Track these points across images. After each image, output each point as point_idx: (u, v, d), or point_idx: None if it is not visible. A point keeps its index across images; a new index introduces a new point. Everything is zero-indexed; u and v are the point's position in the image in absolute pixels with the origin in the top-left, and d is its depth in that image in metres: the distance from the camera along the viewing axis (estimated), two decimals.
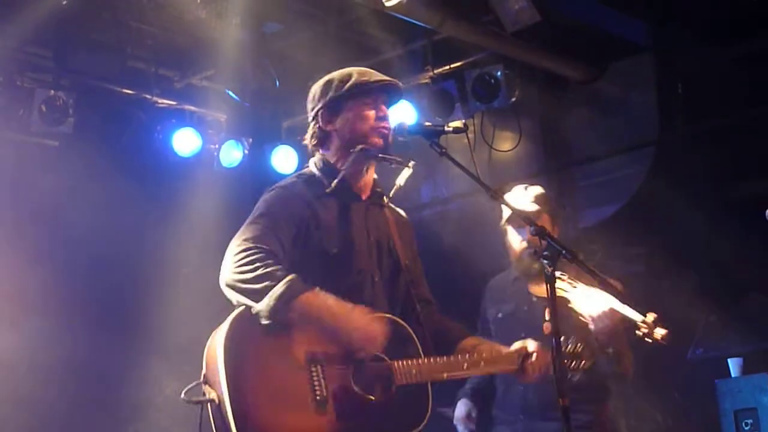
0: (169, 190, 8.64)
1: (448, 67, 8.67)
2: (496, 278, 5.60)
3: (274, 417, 3.86)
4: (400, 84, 4.36)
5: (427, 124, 4.20)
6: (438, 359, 4.08)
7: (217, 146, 8.98)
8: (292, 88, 8.40)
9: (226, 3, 7.67)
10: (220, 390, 3.82)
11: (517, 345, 4.29)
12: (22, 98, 7.79)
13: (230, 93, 8.13)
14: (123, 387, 7.99)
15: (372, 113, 4.24)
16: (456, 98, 8.61)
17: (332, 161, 4.29)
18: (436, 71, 8.64)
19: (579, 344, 4.39)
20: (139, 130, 8.53)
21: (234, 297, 3.95)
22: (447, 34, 8.11)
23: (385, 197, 4.38)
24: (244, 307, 3.93)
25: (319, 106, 4.30)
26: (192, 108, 8.80)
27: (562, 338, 4.10)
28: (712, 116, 8.22)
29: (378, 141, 4.22)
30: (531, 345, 4.30)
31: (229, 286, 3.95)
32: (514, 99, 8.56)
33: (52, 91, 7.81)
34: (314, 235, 4.12)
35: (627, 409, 5.53)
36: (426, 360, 4.05)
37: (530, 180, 9.25)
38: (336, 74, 4.34)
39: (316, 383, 3.90)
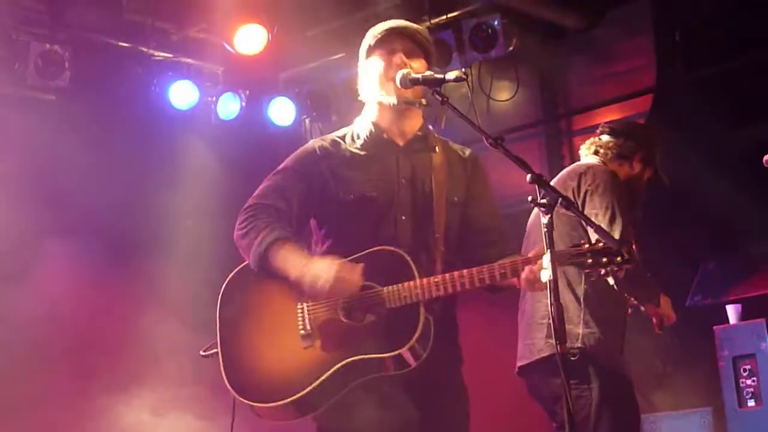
0: (167, 142, 8.63)
1: (445, 17, 8.63)
2: None
3: (260, 360, 4.13)
4: (414, 27, 4.42)
5: (428, 73, 4.21)
6: (432, 278, 4.07)
7: (214, 99, 8.96)
8: (288, 39, 8.37)
9: None
10: (217, 339, 4.18)
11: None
12: (17, 52, 7.76)
13: (226, 45, 8.08)
14: (125, 339, 8.00)
15: (383, 63, 4.31)
16: (453, 48, 8.57)
17: (368, 113, 4.43)
18: (433, 21, 8.59)
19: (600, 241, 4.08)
20: (135, 83, 8.49)
21: (239, 249, 4.25)
22: None
23: (432, 138, 4.44)
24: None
25: (361, 59, 4.43)
26: (189, 60, 8.76)
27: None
28: (710, 62, 8.20)
29: (389, 90, 4.28)
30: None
31: (234, 239, 4.27)
32: (511, 48, 8.53)
33: (48, 45, 7.77)
34: (330, 185, 4.26)
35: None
36: (419, 281, 4.05)
37: (528, 129, 9.40)
38: (374, 27, 4.43)
39: (301, 320, 4.10)
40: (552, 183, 5.49)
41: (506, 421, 7.97)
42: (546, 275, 3.66)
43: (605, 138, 5.68)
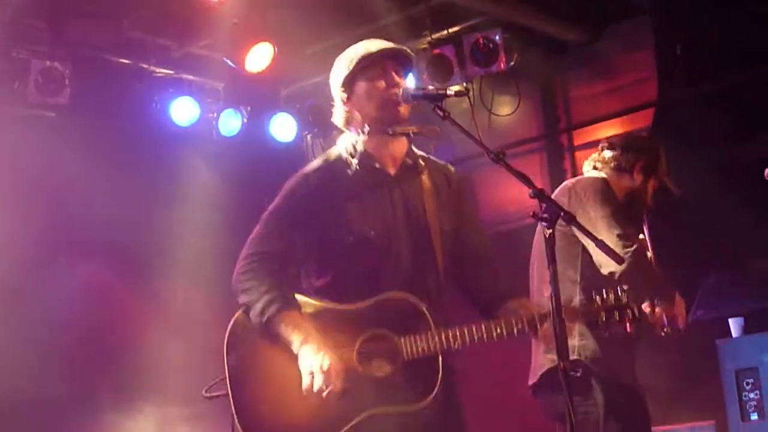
0: (168, 160, 8.62)
1: (446, 32, 8.64)
2: None
3: (275, 409, 4.01)
4: (406, 49, 4.32)
5: (430, 88, 4.21)
6: (450, 331, 4.04)
7: (215, 115, 8.96)
8: (290, 56, 8.37)
9: None
10: (226, 385, 4.07)
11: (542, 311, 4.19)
12: (17, 70, 7.76)
13: (228, 61, 8.09)
14: (126, 352, 7.99)
15: (382, 83, 4.21)
16: (454, 63, 8.58)
17: (354, 141, 4.29)
18: (434, 36, 8.61)
19: (620, 292, 4.18)
20: (136, 99, 8.50)
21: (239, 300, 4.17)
22: None
23: (419, 162, 4.34)
24: None
25: (336, 85, 4.30)
26: (189, 77, 8.77)
27: (596, 294, 4.16)
28: (712, 77, 8.20)
29: (391, 111, 4.19)
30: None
31: (233, 289, 4.18)
32: (512, 63, 8.55)
33: (48, 62, 7.77)
34: (328, 223, 4.16)
35: None
36: (436, 332, 4.02)
37: (530, 144, 9.39)
38: (347, 51, 4.33)
39: None
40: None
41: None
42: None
43: (605, 153, 5.68)
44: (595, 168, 5.67)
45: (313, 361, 3.93)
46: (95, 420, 7.60)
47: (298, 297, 4.14)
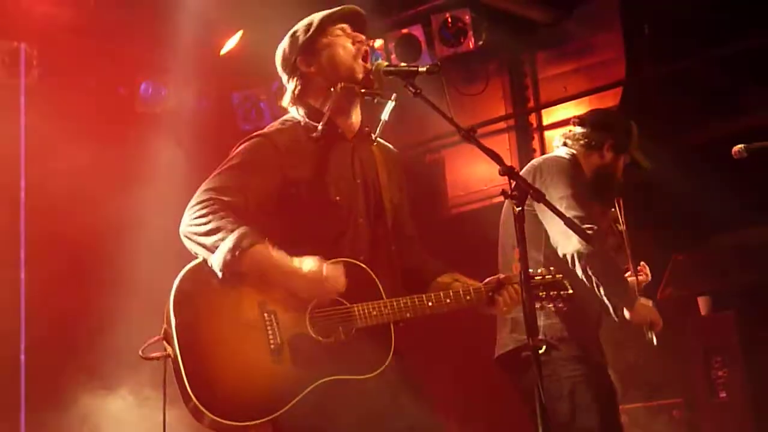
0: (135, 138, 8.57)
1: (414, 11, 8.62)
2: None
3: (227, 370, 3.86)
4: (362, 11, 4.34)
5: (402, 65, 4.17)
6: (401, 300, 4.04)
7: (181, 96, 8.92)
8: (257, 36, 8.33)
9: None
10: (174, 346, 3.85)
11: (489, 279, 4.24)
12: None
13: None
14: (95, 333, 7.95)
15: (347, 40, 4.24)
16: (423, 42, 8.57)
17: (316, 105, 4.25)
18: (402, 15, 8.58)
19: (555, 271, 4.31)
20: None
21: (190, 247, 3.97)
22: None
23: (372, 134, 4.33)
24: (200, 258, 3.95)
25: (294, 56, 4.27)
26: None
27: (531, 270, 4.14)
28: (679, 58, 8.23)
29: (362, 68, 4.19)
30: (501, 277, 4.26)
31: (185, 236, 3.98)
32: (481, 42, 8.53)
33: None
34: (291, 184, 4.10)
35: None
36: (388, 302, 4.03)
37: (498, 123, 9.39)
38: (297, 26, 4.32)
39: (270, 331, 3.89)
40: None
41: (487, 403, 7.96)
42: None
43: (576, 129, 5.70)
44: (565, 144, 5.69)
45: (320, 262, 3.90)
46: (70, 401, 7.55)
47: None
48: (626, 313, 5.24)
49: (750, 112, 7.85)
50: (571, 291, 4.25)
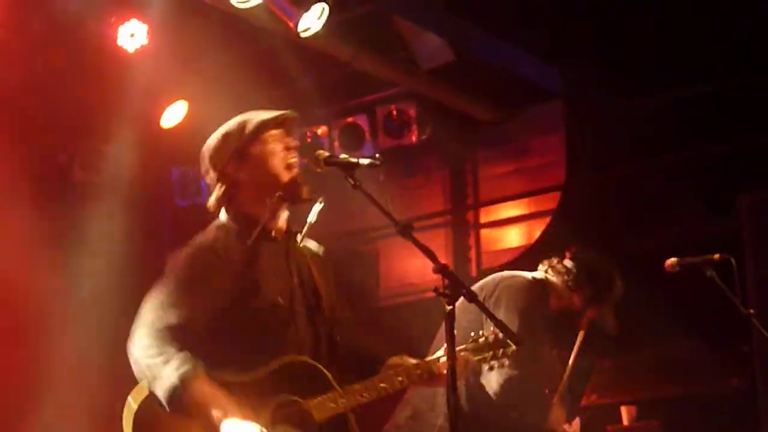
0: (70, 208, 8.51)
1: (360, 101, 8.68)
2: None
3: None
4: (296, 114, 4.31)
5: (343, 156, 4.17)
6: (354, 386, 4.05)
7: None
8: (204, 113, 8.32)
9: None
10: None
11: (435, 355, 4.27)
12: None
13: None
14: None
15: (279, 146, 4.20)
16: (367, 132, 8.61)
17: (247, 211, 4.22)
18: (348, 104, 8.63)
19: (496, 331, 4.27)
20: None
21: (138, 371, 3.92)
22: (360, 68, 8.10)
23: (299, 236, 4.33)
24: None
25: (224, 160, 4.22)
26: None
27: (472, 333, 4.26)
28: (618, 166, 8.34)
29: (291, 175, 4.17)
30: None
31: (133, 362, 3.93)
32: (424, 137, 8.59)
33: None
34: (233, 292, 4.06)
35: None
36: (342, 392, 4.03)
37: (436, 218, 9.42)
38: (228, 127, 4.29)
39: None
40: (480, 282, 5.57)
41: None
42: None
43: (566, 262, 5.66)
44: (546, 271, 5.66)
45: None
46: None
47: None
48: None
49: (685, 223, 7.94)
50: (514, 347, 4.23)
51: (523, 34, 7.99)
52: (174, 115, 8.17)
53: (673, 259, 5.28)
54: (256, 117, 4.24)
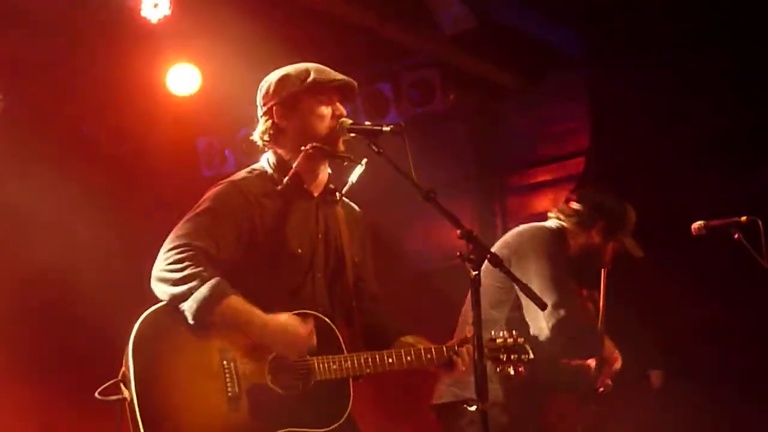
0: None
1: (384, 69, 8.66)
2: None
3: (184, 417, 3.88)
4: (354, 84, 4.36)
5: (367, 124, 4.20)
6: (362, 355, 4.09)
7: None
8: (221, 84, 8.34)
9: None
10: (131, 390, 3.85)
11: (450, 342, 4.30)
12: None
13: None
14: None
15: (329, 111, 4.25)
16: (391, 100, 8.60)
17: (286, 158, 4.28)
18: (372, 72, 8.62)
19: (517, 335, 4.36)
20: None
21: (161, 292, 3.97)
22: (384, 36, 8.07)
23: (337, 193, 4.37)
24: (162, 303, 3.97)
25: (275, 101, 4.28)
26: None
27: (492, 331, 4.28)
28: (641, 132, 8.30)
29: (333, 140, 4.22)
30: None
31: (158, 280, 3.98)
32: (448, 104, 8.58)
33: None
34: (258, 234, 4.14)
35: None
36: (349, 356, 4.07)
37: (461, 185, 9.41)
38: (292, 69, 4.33)
39: (228, 380, 3.92)
40: (500, 240, 5.62)
41: None
42: None
43: (573, 204, 5.66)
44: (557, 218, 5.67)
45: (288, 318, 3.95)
46: None
47: None
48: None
49: (710, 188, 7.89)
50: (532, 356, 4.30)
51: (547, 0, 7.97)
52: (195, 84, 8.19)
53: (699, 222, 5.28)
54: (319, 74, 4.27)
